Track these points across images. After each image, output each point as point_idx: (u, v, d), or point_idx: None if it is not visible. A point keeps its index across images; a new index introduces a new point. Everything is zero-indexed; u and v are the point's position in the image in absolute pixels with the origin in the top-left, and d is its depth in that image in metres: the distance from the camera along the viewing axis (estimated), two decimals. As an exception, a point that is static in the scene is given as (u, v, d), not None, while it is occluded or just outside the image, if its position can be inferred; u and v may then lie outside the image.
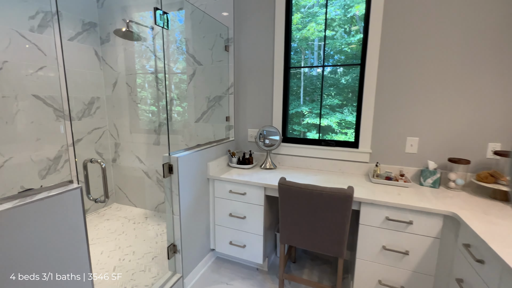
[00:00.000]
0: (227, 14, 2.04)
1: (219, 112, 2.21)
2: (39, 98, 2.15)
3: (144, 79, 2.52)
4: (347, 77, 1.98)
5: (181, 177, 1.53)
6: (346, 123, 2.02)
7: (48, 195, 0.88)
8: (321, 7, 1.95)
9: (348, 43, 1.92)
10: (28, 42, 2.05)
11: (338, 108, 2.02)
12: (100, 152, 2.72)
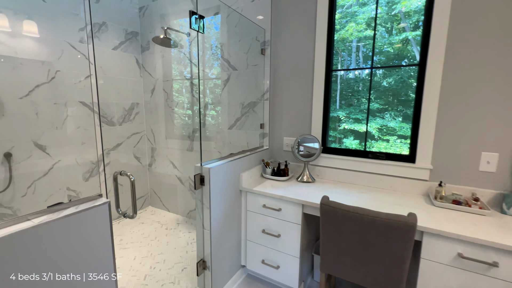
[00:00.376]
0: (264, 16, 1.93)
1: (253, 119, 2.10)
2: (85, 104, 2.27)
3: (181, 85, 2.53)
4: (389, 79, 1.74)
5: (213, 189, 1.43)
6: (388, 129, 1.77)
7: (76, 210, 0.84)
8: (360, 6, 1.75)
9: (391, 43, 1.69)
10: (78, 52, 2.18)
11: (378, 113, 1.78)
12: (138, 157, 2.81)
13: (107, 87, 2.43)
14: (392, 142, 1.78)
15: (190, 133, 2.53)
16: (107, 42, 2.39)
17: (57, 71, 2.07)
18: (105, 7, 2.34)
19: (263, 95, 2.04)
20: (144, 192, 2.93)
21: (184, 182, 2.66)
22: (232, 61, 2.15)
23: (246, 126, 2.13)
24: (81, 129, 2.26)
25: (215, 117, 2.41)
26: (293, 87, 1.94)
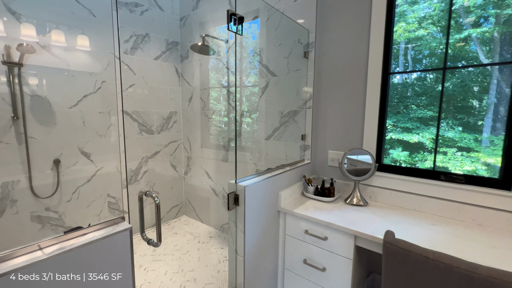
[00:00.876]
0: (308, 16, 1.74)
1: (293, 129, 1.89)
2: (127, 113, 2.33)
3: (218, 93, 2.46)
4: (446, 84, 1.42)
5: (248, 210, 1.26)
6: (445, 140, 1.42)
7: (93, 239, 0.73)
8: (410, 5, 1.47)
9: (448, 43, 1.38)
10: (122, 63, 2.25)
11: (431, 121, 1.50)
12: (174, 165, 2.80)
13: (148, 96, 2.47)
14: (450, 155, 1.46)
15: (225, 143, 2.42)
16: (149, 53, 2.44)
17: (103, 82, 2.14)
18: (149, 18, 2.40)
19: (305, 103, 1.83)
20: (179, 201, 2.91)
21: (218, 193, 2.55)
22: (271, 67, 1.99)
23: (285, 137, 1.94)
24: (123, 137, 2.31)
25: (251, 127, 2.27)
26: (341, 93, 1.69)
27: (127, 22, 2.25)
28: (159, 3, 2.47)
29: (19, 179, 1.77)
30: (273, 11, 1.90)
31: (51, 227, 1.94)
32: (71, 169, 2.01)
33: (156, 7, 2.45)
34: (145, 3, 2.36)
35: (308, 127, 1.83)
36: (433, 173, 1.42)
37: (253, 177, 1.35)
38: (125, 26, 2.23)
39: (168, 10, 2.55)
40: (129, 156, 2.38)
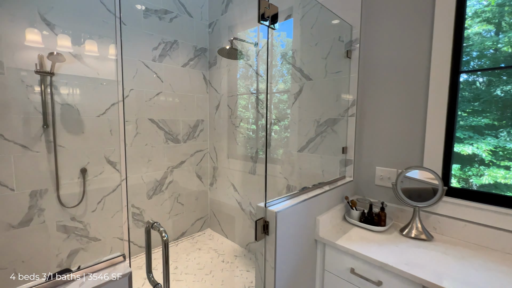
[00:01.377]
0: (352, 8, 1.49)
1: (331, 141, 1.63)
2: (153, 121, 2.27)
3: (246, 100, 2.29)
4: (506, 87, 1.08)
5: (280, 240, 1.03)
6: (507, 152, 1.07)
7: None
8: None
9: None
10: (150, 70, 2.20)
11: (487, 130, 1.23)
12: (200, 175, 2.68)
13: (175, 104, 2.40)
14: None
15: (253, 154, 2.23)
16: (177, 60, 2.38)
17: (131, 90, 2.11)
18: (177, 25, 2.35)
19: (346, 110, 1.56)
20: (204, 213, 2.76)
21: (245, 208, 2.35)
22: (306, 70, 1.77)
23: (321, 149, 1.68)
24: (149, 146, 2.25)
25: (281, 136, 2.04)
26: (393, 97, 1.39)
27: (156, 30, 2.21)
28: (188, 10, 2.41)
29: (47, 188, 1.75)
30: (308, 8, 1.69)
31: (75, 238, 1.90)
32: (97, 179, 1.97)
33: (185, 14, 2.39)
34: (174, 10, 2.31)
35: (351, 138, 1.55)
36: (530, 203, 1.05)
37: (286, 199, 1.12)
38: (154, 33, 2.19)
39: (197, 16, 2.49)
40: (155, 165, 2.30)
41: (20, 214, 1.66)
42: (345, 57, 1.53)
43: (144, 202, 2.26)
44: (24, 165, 1.65)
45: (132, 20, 2.06)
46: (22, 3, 1.58)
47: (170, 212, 2.46)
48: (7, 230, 1.62)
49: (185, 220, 2.59)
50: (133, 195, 2.18)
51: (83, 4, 1.81)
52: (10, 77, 1.57)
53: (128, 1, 2.02)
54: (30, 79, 1.63)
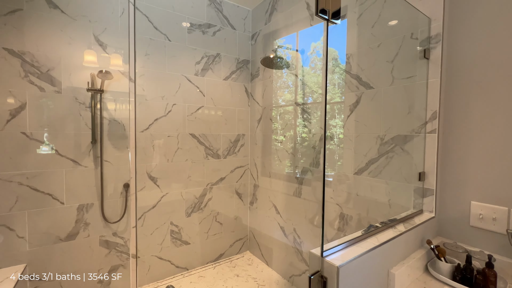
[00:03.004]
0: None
1: (401, 163, 1.29)
2: (194, 136, 2.20)
3: (291, 113, 2.08)
4: None
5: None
6: None
7: None
8: None
9: None
10: (192, 85, 2.17)
11: None
12: (240, 193, 2.52)
13: (215, 118, 2.31)
14: None
15: (298, 174, 1.97)
16: (219, 73, 2.31)
17: (174, 105, 2.09)
18: (220, 38, 2.29)
19: (423, 125, 1.22)
20: (243, 234, 2.57)
21: (288, 234, 2.08)
22: (365, 77, 1.48)
23: (387, 174, 1.35)
24: (189, 162, 2.18)
25: (333, 153, 1.75)
26: (498, 107, 1.02)
27: (199, 44, 2.18)
28: (231, 22, 2.35)
29: (93, 202, 1.78)
30: (368, 4, 1.43)
31: (116, 254, 1.88)
32: (139, 194, 1.95)
33: (228, 26, 2.34)
34: (217, 23, 2.27)
35: (431, 161, 1.19)
36: None
37: (348, 245, 0.85)
38: (197, 47, 2.17)
39: (240, 28, 2.41)
40: (194, 182, 2.22)
41: (68, 227, 1.70)
42: (421, 58, 1.20)
43: (183, 220, 2.17)
44: (74, 180, 1.70)
45: (177, 36, 2.06)
46: (79, 26, 1.67)
47: (208, 231, 2.33)
48: (55, 242, 1.66)
49: (223, 241, 2.43)
50: (172, 212, 2.12)
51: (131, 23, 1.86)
52: (66, 96, 1.65)
53: (174, 19, 2.04)
54: (82, 97, 1.70)
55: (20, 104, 1.52)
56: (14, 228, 1.54)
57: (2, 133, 1.48)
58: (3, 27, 1.46)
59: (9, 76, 1.49)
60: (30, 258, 1.59)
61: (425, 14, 1.18)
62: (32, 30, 1.54)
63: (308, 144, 1.89)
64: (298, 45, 1.95)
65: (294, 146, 2.02)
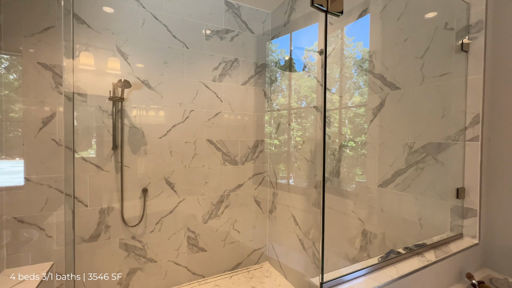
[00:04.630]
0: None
1: (435, 175, 1.09)
2: (211, 142, 2.19)
3: (310, 118, 1.95)
4: None
5: None
6: None
7: None
8: None
9: None
10: (210, 91, 2.17)
11: None
12: (258, 201, 2.44)
13: (233, 124, 2.28)
14: None
15: (318, 183, 1.83)
16: (237, 78, 2.28)
17: (191, 111, 2.10)
18: (238, 43, 2.27)
19: (462, 131, 1.02)
20: (262, 244, 2.47)
21: (307, 247, 1.93)
22: (390, 76, 1.30)
23: (417, 187, 1.15)
24: (206, 168, 2.17)
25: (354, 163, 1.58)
26: None
27: (217, 50, 2.18)
28: (249, 26, 2.32)
29: (113, 206, 1.85)
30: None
31: (134, 257, 1.93)
32: (156, 199, 1.99)
33: (246, 31, 2.30)
34: (235, 29, 2.25)
35: (472, 175, 0.99)
36: None
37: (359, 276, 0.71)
38: (214, 53, 2.16)
39: (258, 31, 2.36)
40: (211, 188, 2.20)
41: (90, 229, 1.79)
42: (458, 51, 1.01)
43: (200, 226, 2.16)
44: (96, 184, 1.79)
45: (195, 43, 2.09)
46: (103, 38, 1.77)
47: (225, 239, 2.28)
48: (79, 243, 1.76)
49: (241, 250, 2.36)
50: (189, 218, 2.12)
51: (151, 32, 1.93)
52: (91, 105, 1.76)
53: (192, 26, 2.07)
54: (105, 105, 1.79)
55: (51, 113, 1.65)
56: (44, 228, 1.66)
57: (35, 140, 1.62)
58: (38, 43, 1.61)
59: (42, 87, 1.63)
60: (57, 256, 1.69)
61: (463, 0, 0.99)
62: (62, 44, 1.67)
63: (328, 151, 1.74)
64: (318, 46, 1.83)
65: (313, 153, 1.88)
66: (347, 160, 1.59)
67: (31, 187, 1.61)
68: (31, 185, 1.61)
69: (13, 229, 1.58)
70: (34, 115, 1.61)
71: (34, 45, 1.60)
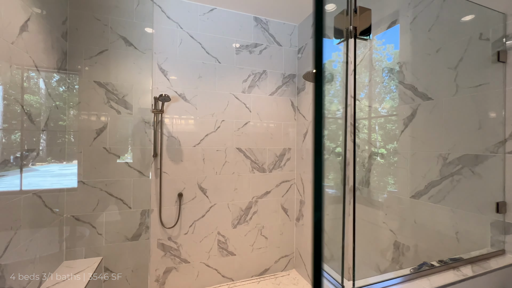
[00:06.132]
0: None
1: (472, 188, 1.06)
2: (241, 150, 2.30)
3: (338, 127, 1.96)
4: None
5: None
6: None
7: None
8: None
9: None
10: (239, 102, 2.29)
11: None
12: (285, 208, 2.48)
13: (261, 132, 2.37)
14: None
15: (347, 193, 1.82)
16: (265, 89, 2.37)
17: (222, 121, 2.23)
18: (266, 56, 2.37)
19: (501, 143, 0.99)
20: (289, 251, 2.50)
21: (336, 257, 1.92)
22: (421, 87, 1.30)
23: (453, 200, 1.13)
24: (236, 175, 2.28)
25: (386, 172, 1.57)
26: None
27: (246, 63, 2.30)
28: (277, 39, 2.42)
29: (153, 208, 2.03)
30: (424, 6, 1.27)
31: (170, 257, 2.08)
32: (190, 204, 2.13)
33: (274, 44, 2.40)
34: (263, 42, 2.36)
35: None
36: None
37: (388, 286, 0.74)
38: (244, 67, 2.29)
39: (285, 43, 2.45)
40: (240, 194, 2.30)
41: (133, 229, 1.97)
42: (494, 61, 0.99)
43: (229, 231, 2.26)
44: (139, 188, 1.98)
45: (226, 58, 2.23)
46: (147, 58, 1.99)
47: (253, 244, 2.35)
48: (123, 241, 1.95)
49: (268, 256, 2.41)
50: (220, 223, 2.23)
51: (187, 50, 2.11)
52: (135, 117, 1.96)
53: (223, 42, 2.22)
54: (148, 117, 1.99)
55: (103, 125, 1.88)
56: (96, 226, 1.87)
57: (90, 148, 1.85)
58: (94, 65, 1.86)
59: (97, 103, 1.87)
60: (105, 252, 1.90)
61: (496, 9, 0.98)
62: (113, 64, 1.91)
63: (358, 161, 1.74)
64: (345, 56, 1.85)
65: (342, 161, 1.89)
66: (378, 168, 1.59)
67: (86, 189, 1.84)
68: (86, 188, 1.84)
69: (71, 226, 1.81)
70: (90, 126, 1.85)
71: (91, 66, 1.84)
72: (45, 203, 1.52)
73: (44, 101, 1.54)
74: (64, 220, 1.79)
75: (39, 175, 1.50)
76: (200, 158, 2.16)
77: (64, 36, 1.75)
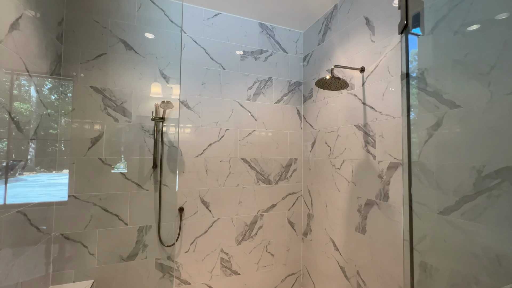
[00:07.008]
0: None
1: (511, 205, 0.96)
2: (245, 161, 2.17)
3: (351, 136, 1.87)
4: None
5: None
6: None
7: None
8: None
9: None
10: (244, 110, 2.18)
11: None
12: (292, 222, 2.34)
13: (267, 142, 2.26)
14: None
15: (361, 205, 1.71)
16: (271, 97, 2.28)
17: (227, 130, 2.12)
18: (272, 63, 2.29)
19: (548, 155, 0.90)
20: (296, 269, 2.34)
21: (350, 277, 1.78)
22: (447, 94, 1.22)
23: (492, 217, 1.02)
24: (240, 187, 2.14)
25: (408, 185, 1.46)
26: None
27: (251, 70, 2.21)
28: (283, 46, 2.35)
29: (151, 224, 1.86)
30: (449, 8, 1.20)
31: (169, 278, 1.90)
32: (192, 219, 1.98)
33: (280, 50, 2.33)
34: (269, 49, 2.29)
35: None
36: None
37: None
38: (249, 73, 2.20)
39: (291, 51, 2.38)
40: (245, 208, 2.15)
41: (129, 247, 1.80)
42: (536, 66, 0.92)
43: (233, 248, 2.10)
44: (136, 202, 1.82)
45: (230, 64, 2.14)
46: (148, 62, 1.87)
47: (258, 262, 2.19)
48: (118, 262, 1.77)
49: (275, 274, 2.25)
50: (223, 239, 2.07)
51: (191, 55, 2.01)
52: (134, 125, 1.83)
53: (228, 48, 2.13)
54: (147, 125, 1.86)
55: (99, 133, 1.74)
56: (87, 245, 1.70)
57: (84, 159, 1.70)
58: (91, 69, 1.73)
59: (93, 109, 1.73)
60: (97, 274, 1.71)
61: (539, 11, 0.91)
62: (112, 69, 1.78)
63: (373, 172, 1.63)
64: (358, 63, 1.78)
65: (354, 173, 1.78)
66: (398, 181, 1.48)
67: (77, 204, 1.67)
68: (78, 202, 1.67)
69: (60, 245, 1.63)
70: (84, 135, 1.70)
71: (87, 70, 1.72)
72: (30, 221, 1.35)
73: (35, 108, 1.39)
74: (52, 239, 1.61)
75: (26, 185, 1.34)
76: (202, 170, 2.02)
77: (60, 38, 1.63)
